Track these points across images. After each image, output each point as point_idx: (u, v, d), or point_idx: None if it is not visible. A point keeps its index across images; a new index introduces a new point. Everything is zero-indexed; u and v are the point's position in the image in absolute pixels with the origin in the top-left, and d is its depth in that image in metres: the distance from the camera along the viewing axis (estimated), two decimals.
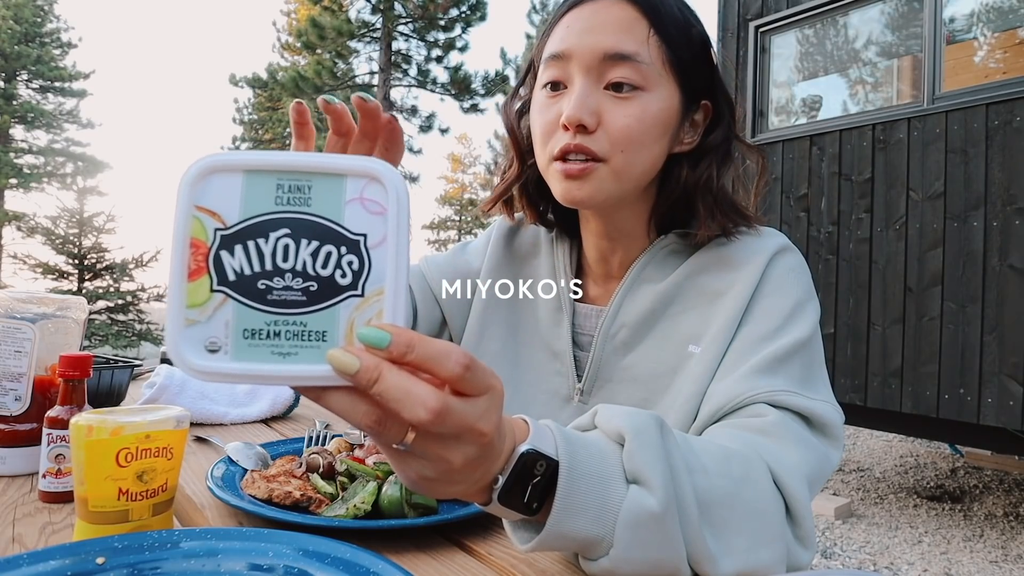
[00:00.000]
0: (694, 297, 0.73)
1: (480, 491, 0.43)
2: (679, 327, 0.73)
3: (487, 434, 0.38)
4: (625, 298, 0.76)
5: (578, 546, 0.46)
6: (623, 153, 0.68)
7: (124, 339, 13.36)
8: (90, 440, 0.48)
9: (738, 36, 4.45)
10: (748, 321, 0.69)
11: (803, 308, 0.70)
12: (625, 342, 0.75)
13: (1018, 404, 3.05)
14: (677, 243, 0.77)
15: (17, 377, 0.71)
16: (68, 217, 13.14)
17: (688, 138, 0.75)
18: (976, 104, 3.29)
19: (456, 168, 22.79)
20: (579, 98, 0.67)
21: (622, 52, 0.67)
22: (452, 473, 0.39)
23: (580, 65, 0.68)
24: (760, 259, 0.72)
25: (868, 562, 3.00)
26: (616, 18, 0.68)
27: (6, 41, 15.33)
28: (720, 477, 0.51)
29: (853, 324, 3.67)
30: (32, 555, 0.41)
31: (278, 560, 0.44)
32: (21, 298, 0.73)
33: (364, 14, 11.90)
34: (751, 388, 0.63)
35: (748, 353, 0.66)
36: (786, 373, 0.65)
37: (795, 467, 0.57)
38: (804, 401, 0.63)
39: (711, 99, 0.75)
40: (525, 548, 0.46)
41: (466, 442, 0.38)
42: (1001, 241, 3.17)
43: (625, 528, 0.45)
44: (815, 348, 0.69)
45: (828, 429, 0.64)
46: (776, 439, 0.59)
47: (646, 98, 0.68)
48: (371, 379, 0.34)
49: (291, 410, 1.13)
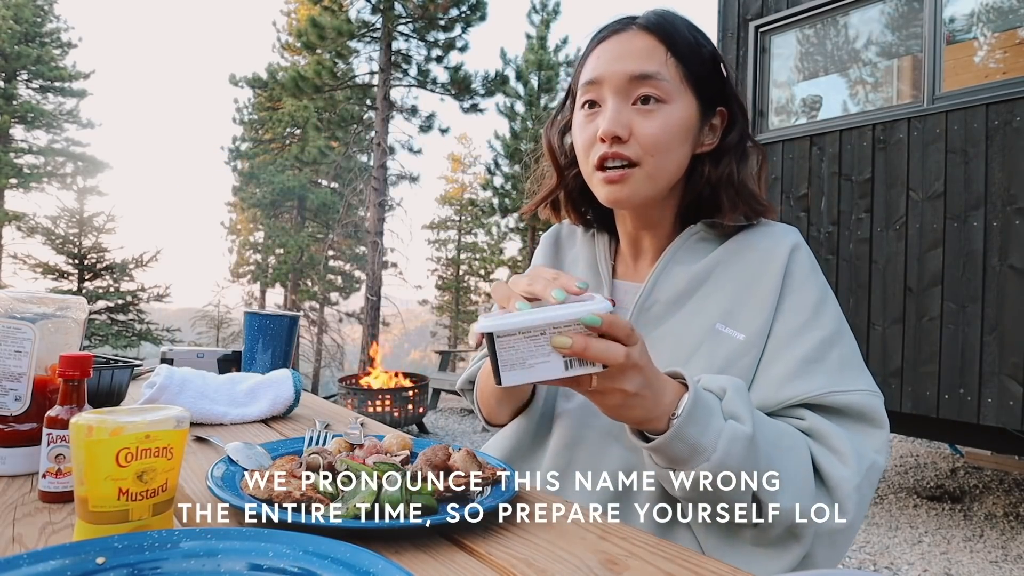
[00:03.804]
0: (726, 280, 0.83)
1: (657, 418, 0.63)
2: (709, 306, 0.82)
3: (643, 367, 0.60)
4: (660, 276, 0.87)
5: (688, 450, 0.63)
6: (653, 157, 0.80)
7: (124, 339, 13.36)
8: (90, 440, 0.48)
9: (738, 36, 4.45)
10: (779, 318, 0.79)
11: (826, 302, 0.80)
12: (658, 315, 0.85)
13: (1018, 404, 3.05)
14: (705, 231, 0.88)
15: (17, 377, 0.71)
16: (68, 217, 13.14)
17: (708, 140, 0.86)
18: (976, 104, 3.29)
19: (456, 168, 22.77)
20: (612, 114, 0.79)
21: (645, 72, 0.79)
22: (629, 398, 0.61)
23: (611, 87, 0.80)
24: (782, 251, 0.82)
25: (868, 562, 3.00)
26: (638, 47, 0.81)
27: (6, 41, 15.32)
28: (782, 435, 0.69)
29: (853, 324, 3.66)
30: (32, 555, 0.41)
31: (278, 560, 0.44)
32: (21, 298, 0.73)
33: (364, 14, 11.89)
34: (789, 395, 0.74)
35: (782, 351, 0.77)
36: (823, 370, 0.74)
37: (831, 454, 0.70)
38: (838, 397, 0.72)
39: (726, 105, 0.86)
40: (648, 445, 0.66)
41: (631, 375, 0.60)
42: (1001, 241, 3.17)
43: (727, 441, 0.63)
44: (846, 337, 0.78)
45: (866, 416, 0.73)
46: (817, 437, 0.72)
47: (668, 109, 0.80)
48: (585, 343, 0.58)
49: (291, 410, 1.13)
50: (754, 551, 0.70)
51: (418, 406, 6.04)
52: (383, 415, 5.78)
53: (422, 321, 30.42)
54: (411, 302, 23.26)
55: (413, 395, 5.98)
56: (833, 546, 0.70)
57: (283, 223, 19.26)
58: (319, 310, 18.99)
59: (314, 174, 18.77)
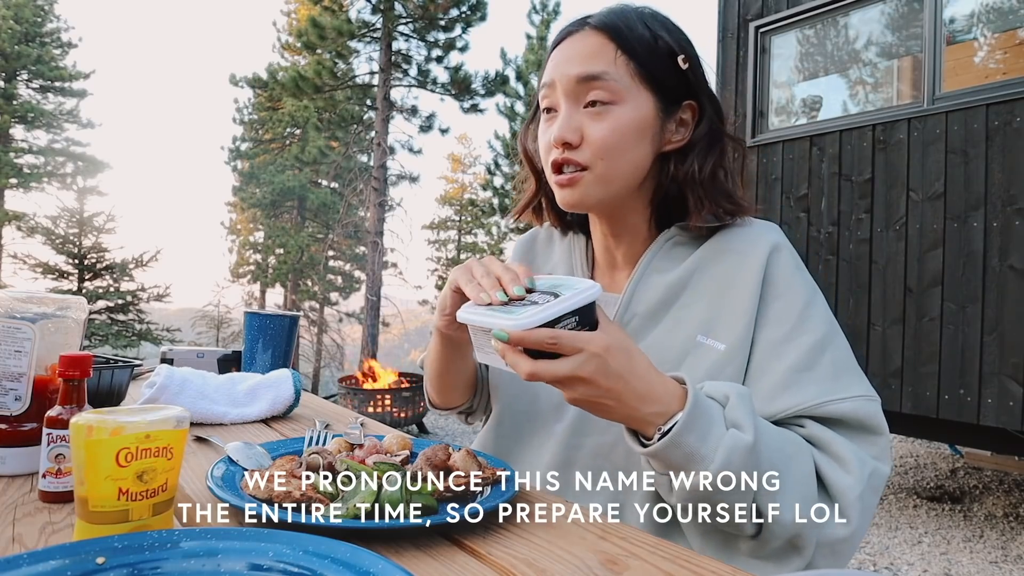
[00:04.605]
0: (701, 288, 0.81)
1: (639, 421, 0.64)
2: (688, 317, 0.80)
3: (587, 378, 0.60)
4: (637, 287, 0.84)
5: (686, 457, 0.62)
6: (603, 160, 0.78)
7: (124, 339, 13.36)
8: (90, 440, 0.48)
9: (738, 37, 4.45)
10: (764, 325, 0.76)
11: (812, 305, 0.77)
12: (637, 330, 0.82)
13: (1018, 404, 3.05)
14: (681, 235, 0.85)
15: (17, 377, 0.71)
16: (68, 217, 13.14)
17: (677, 137, 0.83)
18: (976, 104, 3.29)
19: (456, 168, 22.77)
20: (562, 120, 0.79)
21: (591, 73, 0.77)
22: (585, 403, 0.63)
23: (562, 91, 0.79)
24: (759, 254, 0.79)
25: (868, 562, 3.00)
26: (586, 45, 0.79)
27: (6, 41, 15.32)
28: (785, 442, 0.67)
29: (853, 324, 3.67)
30: (32, 555, 0.41)
31: (278, 560, 0.44)
32: (21, 298, 0.73)
33: (364, 14, 11.89)
34: (783, 407, 0.71)
35: (771, 361, 0.74)
36: (815, 379, 0.72)
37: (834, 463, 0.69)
38: (832, 407, 0.70)
39: (694, 98, 0.83)
40: (644, 451, 0.64)
41: (574, 385, 0.61)
42: (1001, 241, 3.17)
43: (726, 450, 0.61)
44: (836, 340, 0.76)
45: (863, 423, 0.71)
46: (819, 445, 0.70)
47: (618, 111, 0.78)
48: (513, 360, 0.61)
49: (291, 410, 1.13)
50: (751, 563, 0.69)
51: (418, 406, 6.04)
52: (383, 415, 5.78)
53: (422, 321, 30.39)
54: (411, 302, 23.25)
55: (413, 395, 5.99)
56: (835, 556, 0.68)
57: (283, 223, 19.26)
58: (319, 310, 18.99)
59: (314, 174, 18.77)
